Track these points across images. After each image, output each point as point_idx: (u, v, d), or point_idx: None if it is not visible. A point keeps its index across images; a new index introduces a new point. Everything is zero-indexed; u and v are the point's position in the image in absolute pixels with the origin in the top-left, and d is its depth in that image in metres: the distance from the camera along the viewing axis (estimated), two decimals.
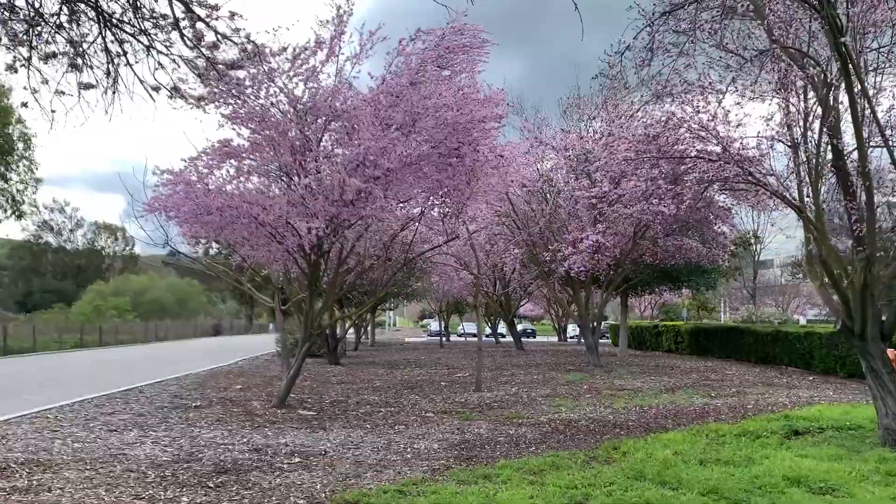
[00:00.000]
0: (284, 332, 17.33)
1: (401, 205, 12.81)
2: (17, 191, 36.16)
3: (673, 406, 12.15)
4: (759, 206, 18.87)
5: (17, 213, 36.06)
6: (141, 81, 4.64)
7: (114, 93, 4.65)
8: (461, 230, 13.95)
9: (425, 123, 10.64)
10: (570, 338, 51.42)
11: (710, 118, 8.54)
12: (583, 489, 6.38)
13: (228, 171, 11.46)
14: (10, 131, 34.90)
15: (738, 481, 6.43)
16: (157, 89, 4.71)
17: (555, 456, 7.92)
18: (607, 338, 42.97)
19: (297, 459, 8.14)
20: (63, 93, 4.61)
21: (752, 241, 23.87)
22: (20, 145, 35.58)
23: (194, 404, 12.75)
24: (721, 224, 20.18)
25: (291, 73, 11.24)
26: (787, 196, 8.33)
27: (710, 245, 20.50)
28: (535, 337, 57.18)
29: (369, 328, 41.77)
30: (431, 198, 12.40)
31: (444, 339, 43.54)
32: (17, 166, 35.88)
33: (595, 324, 21.70)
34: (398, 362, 24.47)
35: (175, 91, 4.81)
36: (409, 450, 8.71)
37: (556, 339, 53.70)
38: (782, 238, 42.80)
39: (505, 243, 21.23)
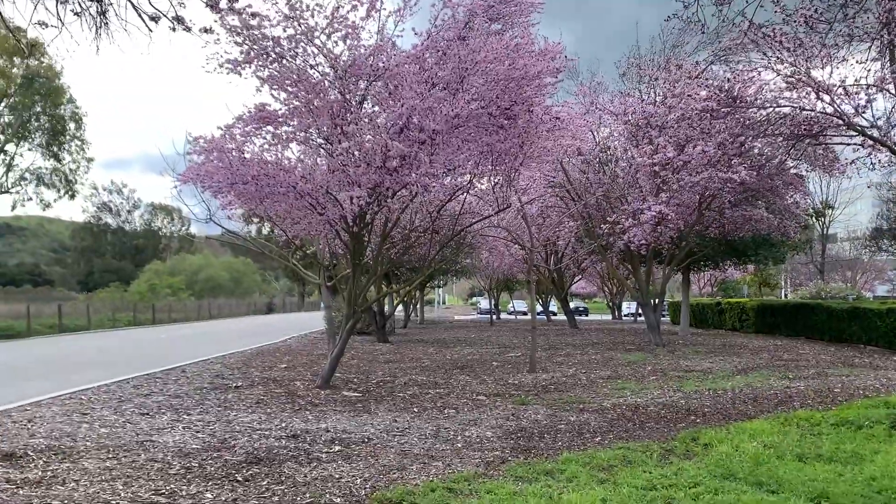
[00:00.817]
0: (330, 310, 16.71)
1: (448, 173, 11.90)
2: (70, 170, 36.45)
3: (750, 389, 11.03)
4: (833, 170, 17.42)
5: (70, 193, 36.40)
6: (135, 8, 3.84)
7: (103, 24, 3.86)
8: (513, 200, 12.99)
9: (474, 80, 9.68)
10: (625, 316, 49.96)
11: (807, 59, 7.36)
12: (663, 490, 5.45)
13: (265, 139, 10.71)
14: (62, 111, 35.08)
15: (851, 484, 5.41)
16: (155, 19, 3.92)
17: (625, 448, 6.99)
18: (665, 315, 41.42)
19: (337, 448, 7.40)
20: (45, 24, 3.86)
21: (825, 210, 22.14)
22: (72, 125, 35.81)
23: (235, 385, 12.18)
24: (794, 192, 18.68)
25: (329, 31, 10.38)
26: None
27: (781, 215, 19.05)
28: (587, 315, 55.82)
29: (418, 306, 41.18)
30: (480, 165, 11.45)
31: (494, 317, 42.65)
32: (70, 146, 36.14)
33: (657, 301, 20.48)
34: (447, 340, 23.73)
35: (178, 21, 4.01)
36: (459, 438, 7.89)
37: (609, 317, 52.33)
38: (851, 210, 40.54)
39: (559, 215, 20.13)
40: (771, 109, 13.06)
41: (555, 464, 6.45)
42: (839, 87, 7.51)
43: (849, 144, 9.24)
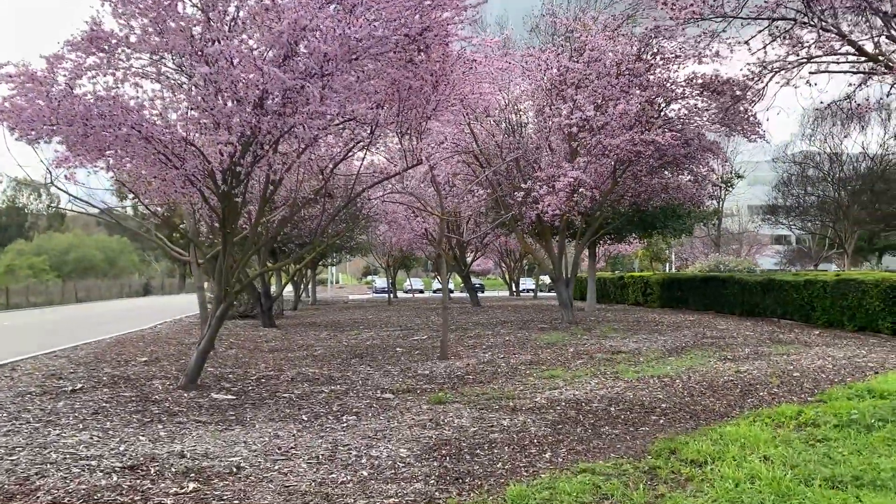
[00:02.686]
0: (202, 291, 14.19)
1: (344, 125, 9.70)
2: None
3: (698, 376, 9.56)
4: (754, 135, 16.49)
5: None
6: None
7: None
8: (422, 158, 10.96)
9: None
10: (521, 292, 49.23)
11: None
12: None
13: (101, 68, 8.15)
14: None
15: None
16: None
17: (591, 471, 5.18)
18: None
19: (191, 486, 5.22)
20: None
21: (736, 180, 21.62)
22: None
23: (72, 387, 9.61)
24: (713, 158, 17.61)
25: None
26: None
27: (698, 183, 18.00)
28: (483, 292, 54.75)
29: (310, 285, 38.62)
30: (384, 108, 9.32)
31: (391, 296, 40.72)
32: None
33: (569, 276, 19.03)
34: (343, 323, 21.51)
35: None
36: (364, 460, 5.86)
37: (506, 293, 51.51)
38: (743, 184, 41.40)
39: (465, 183, 18.26)
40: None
41: None
42: None
43: (855, 73, 7.75)
